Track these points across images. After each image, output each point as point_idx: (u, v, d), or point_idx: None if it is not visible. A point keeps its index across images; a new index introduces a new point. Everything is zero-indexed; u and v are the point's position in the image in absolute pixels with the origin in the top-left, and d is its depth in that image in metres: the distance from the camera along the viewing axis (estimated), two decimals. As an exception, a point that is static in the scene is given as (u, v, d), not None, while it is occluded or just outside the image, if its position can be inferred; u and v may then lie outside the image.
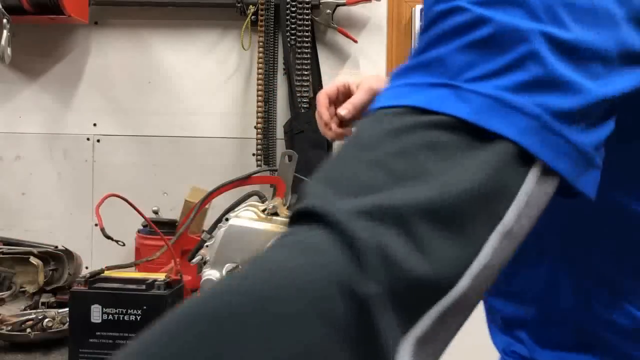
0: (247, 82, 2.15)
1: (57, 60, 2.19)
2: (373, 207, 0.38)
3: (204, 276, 1.32)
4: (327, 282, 0.36)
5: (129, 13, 2.16)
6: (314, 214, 0.39)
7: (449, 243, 0.39)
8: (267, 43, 2.06)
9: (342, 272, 0.36)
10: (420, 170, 0.41)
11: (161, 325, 0.36)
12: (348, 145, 0.45)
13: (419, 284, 0.38)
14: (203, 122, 2.16)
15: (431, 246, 0.39)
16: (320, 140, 2.04)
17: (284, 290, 0.36)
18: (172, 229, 1.74)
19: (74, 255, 1.71)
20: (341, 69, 2.13)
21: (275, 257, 0.38)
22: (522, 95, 0.43)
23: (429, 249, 0.39)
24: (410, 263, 0.38)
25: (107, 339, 1.18)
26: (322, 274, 0.36)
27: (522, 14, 0.44)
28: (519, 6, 0.44)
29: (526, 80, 0.43)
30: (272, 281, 0.36)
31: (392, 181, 0.40)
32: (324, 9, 2.05)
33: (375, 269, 0.37)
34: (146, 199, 2.10)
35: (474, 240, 0.41)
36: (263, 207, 1.39)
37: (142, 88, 2.18)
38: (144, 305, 1.18)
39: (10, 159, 2.21)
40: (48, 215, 2.19)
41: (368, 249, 0.37)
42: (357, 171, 0.41)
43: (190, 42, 2.16)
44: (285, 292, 0.36)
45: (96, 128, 2.18)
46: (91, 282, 1.22)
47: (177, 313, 0.37)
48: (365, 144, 0.43)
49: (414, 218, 0.39)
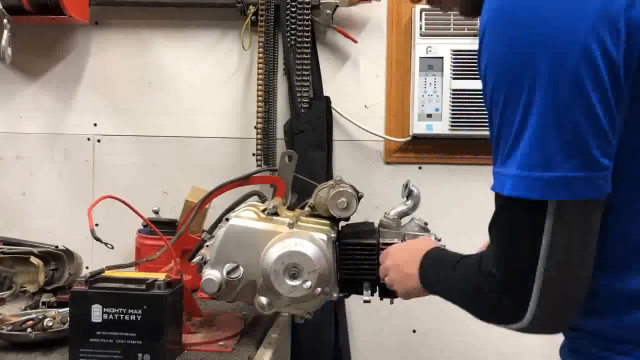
0: (247, 82, 2.15)
1: (57, 60, 2.19)
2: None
3: (204, 276, 1.32)
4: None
5: (129, 13, 2.16)
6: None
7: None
8: (267, 43, 2.06)
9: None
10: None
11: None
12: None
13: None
14: (203, 122, 2.16)
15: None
16: (320, 140, 2.04)
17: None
18: (172, 229, 1.74)
19: (74, 255, 1.72)
20: (341, 69, 2.13)
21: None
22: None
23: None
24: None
25: (108, 338, 1.18)
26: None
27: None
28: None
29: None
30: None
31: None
32: (324, 9, 2.05)
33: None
34: (146, 199, 2.11)
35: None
36: (263, 207, 1.40)
37: (142, 88, 2.18)
38: (144, 305, 1.18)
39: (11, 159, 2.21)
40: (48, 215, 2.19)
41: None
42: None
43: (190, 42, 2.16)
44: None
45: (96, 128, 2.19)
46: (91, 282, 1.22)
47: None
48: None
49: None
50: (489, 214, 0.92)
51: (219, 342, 1.37)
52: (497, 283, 0.86)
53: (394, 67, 2.11)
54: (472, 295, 0.93)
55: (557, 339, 1.02)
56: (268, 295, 1.33)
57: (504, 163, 0.84)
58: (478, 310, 0.94)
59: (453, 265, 1.02)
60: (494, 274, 0.86)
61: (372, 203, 1.89)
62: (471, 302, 0.95)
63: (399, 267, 1.24)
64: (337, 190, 1.40)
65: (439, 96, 2.01)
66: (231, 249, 1.34)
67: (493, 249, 0.88)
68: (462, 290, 0.97)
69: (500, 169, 0.85)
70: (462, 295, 0.98)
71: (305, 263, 1.29)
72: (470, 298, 0.95)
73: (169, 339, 1.20)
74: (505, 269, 0.85)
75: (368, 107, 2.13)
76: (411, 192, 1.41)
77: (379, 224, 1.42)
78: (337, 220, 1.43)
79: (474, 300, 0.94)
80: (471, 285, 0.93)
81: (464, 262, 1.00)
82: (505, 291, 0.85)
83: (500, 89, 0.82)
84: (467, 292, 0.95)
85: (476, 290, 0.91)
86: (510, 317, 0.86)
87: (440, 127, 2.01)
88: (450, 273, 1.03)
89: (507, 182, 0.83)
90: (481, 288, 0.89)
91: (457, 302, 1.00)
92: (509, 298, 0.85)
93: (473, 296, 0.93)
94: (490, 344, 2.10)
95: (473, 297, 0.93)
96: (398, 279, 1.24)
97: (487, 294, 0.88)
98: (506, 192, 0.83)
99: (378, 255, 1.37)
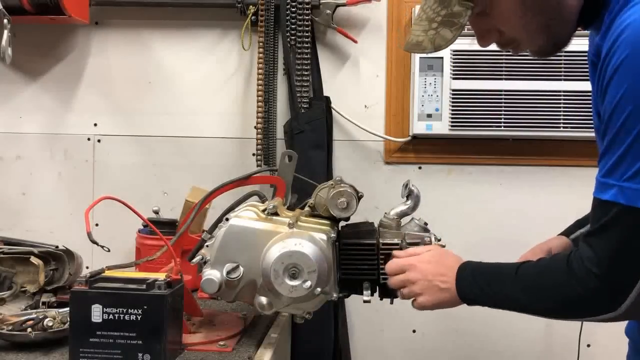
0: (247, 82, 2.15)
1: (57, 61, 2.19)
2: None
3: (204, 276, 1.32)
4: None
5: (129, 13, 2.16)
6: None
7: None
8: (267, 43, 2.06)
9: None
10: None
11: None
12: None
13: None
14: (203, 122, 2.16)
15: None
16: (320, 140, 2.04)
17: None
18: (172, 229, 1.74)
19: (74, 255, 1.71)
20: (341, 69, 2.13)
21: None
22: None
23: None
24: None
25: (108, 338, 1.18)
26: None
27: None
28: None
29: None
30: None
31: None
32: (324, 9, 2.05)
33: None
34: (146, 199, 2.11)
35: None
36: (263, 207, 1.40)
37: (142, 88, 2.18)
38: (144, 305, 1.18)
39: (11, 159, 2.21)
40: (49, 215, 2.19)
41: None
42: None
43: (190, 42, 2.16)
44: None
45: (97, 128, 2.19)
46: (92, 282, 1.22)
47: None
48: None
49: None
50: (489, 213, 0.93)
51: (219, 342, 1.37)
52: (596, 281, 1.02)
53: (394, 67, 2.11)
54: (559, 293, 1.08)
55: (557, 340, 1.02)
56: (268, 295, 1.33)
57: (634, 177, 0.99)
58: (565, 306, 1.09)
59: (512, 275, 1.15)
60: (594, 272, 1.02)
61: (372, 203, 1.90)
62: (557, 300, 1.09)
63: (431, 282, 1.27)
64: (337, 190, 1.40)
65: (439, 96, 2.01)
66: (231, 249, 1.34)
67: (597, 251, 1.03)
68: (540, 292, 1.12)
69: (622, 182, 1.00)
70: (538, 296, 1.12)
71: (305, 263, 1.29)
72: (555, 296, 1.09)
73: (169, 339, 1.20)
74: (609, 269, 1.01)
75: (368, 107, 2.13)
76: (411, 192, 1.41)
77: (379, 224, 1.42)
78: (337, 220, 1.43)
79: (563, 297, 1.08)
80: (559, 284, 1.08)
81: (537, 267, 1.15)
82: (605, 288, 1.02)
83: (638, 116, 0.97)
84: (548, 293, 1.10)
85: (566, 288, 1.07)
86: (603, 309, 1.04)
87: (440, 127, 2.01)
88: (510, 282, 1.16)
89: (628, 193, 0.98)
90: (574, 286, 1.05)
91: (528, 305, 1.14)
92: (606, 293, 1.02)
93: (562, 294, 1.08)
94: (489, 343, 2.10)
95: (562, 295, 1.08)
96: (429, 291, 1.27)
97: (580, 291, 1.05)
98: (625, 202, 0.98)
99: (378, 255, 1.37)
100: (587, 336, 1.98)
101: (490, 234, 2.06)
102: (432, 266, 1.27)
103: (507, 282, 1.16)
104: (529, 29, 1.11)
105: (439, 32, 1.11)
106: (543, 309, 1.13)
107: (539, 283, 1.12)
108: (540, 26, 1.10)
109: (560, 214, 1.54)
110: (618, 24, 0.99)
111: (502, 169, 2.08)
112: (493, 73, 1.98)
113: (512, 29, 1.12)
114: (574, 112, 1.98)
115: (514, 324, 2.04)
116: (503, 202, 2.07)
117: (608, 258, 1.01)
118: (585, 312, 1.08)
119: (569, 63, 1.96)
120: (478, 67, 1.99)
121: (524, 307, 1.16)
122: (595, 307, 1.05)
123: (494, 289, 1.18)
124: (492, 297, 1.19)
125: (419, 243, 1.38)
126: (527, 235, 1.53)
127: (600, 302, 1.04)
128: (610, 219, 1.01)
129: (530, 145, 2.06)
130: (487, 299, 1.20)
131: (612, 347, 1.33)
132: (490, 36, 1.15)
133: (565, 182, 2.08)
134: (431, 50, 1.12)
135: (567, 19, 1.10)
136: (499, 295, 1.18)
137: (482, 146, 2.06)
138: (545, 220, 1.61)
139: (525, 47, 1.15)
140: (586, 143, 1.97)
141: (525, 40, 1.13)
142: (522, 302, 1.15)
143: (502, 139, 2.04)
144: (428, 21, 1.13)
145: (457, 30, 1.10)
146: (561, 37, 1.13)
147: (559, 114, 1.98)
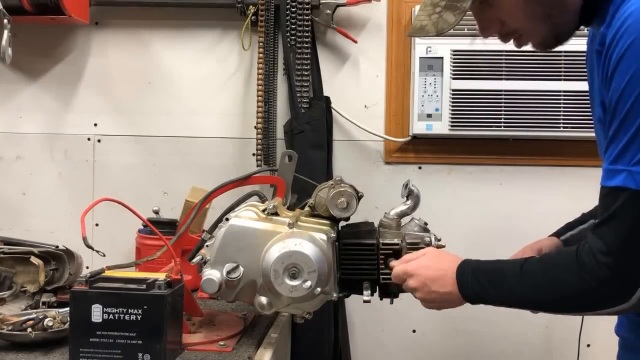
0: (247, 82, 2.15)
1: (57, 61, 2.19)
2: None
3: (204, 276, 1.32)
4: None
5: (129, 13, 2.16)
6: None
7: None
8: (267, 43, 2.06)
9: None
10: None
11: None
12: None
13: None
14: (203, 122, 2.16)
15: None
16: (320, 140, 2.04)
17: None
18: (172, 229, 1.74)
19: (74, 255, 1.72)
20: (341, 69, 2.13)
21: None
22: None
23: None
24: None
25: (108, 338, 1.18)
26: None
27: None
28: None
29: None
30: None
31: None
32: (324, 9, 2.05)
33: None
34: (146, 199, 2.11)
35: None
36: (263, 207, 1.40)
37: (142, 88, 2.18)
38: (144, 305, 1.18)
39: (11, 159, 2.21)
40: (49, 215, 2.19)
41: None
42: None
43: (190, 42, 2.16)
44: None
45: (97, 128, 2.19)
46: (92, 282, 1.22)
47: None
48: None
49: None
50: (489, 213, 0.93)
51: (219, 342, 1.37)
52: (608, 272, 1.01)
53: (394, 67, 2.11)
54: (570, 287, 1.07)
55: (557, 339, 1.02)
56: (268, 295, 1.33)
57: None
58: (576, 299, 1.08)
59: (517, 271, 1.14)
60: (605, 263, 1.01)
61: (372, 203, 1.90)
62: (568, 294, 1.08)
63: (430, 288, 1.25)
64: (337, 190, 1.40)
65: (439, 96, 2.01)
66: (231, 249, 1.34)
67: (607, 241, 1.01)
68: (550, 287, 1.10)
69: (631, 167, 0.98)
70: (548, 291, 1.10)
71: (305, 263, 1.29)
72: (566, 290, 1.08)
73: (169, 339, 1.20)
74: (620, 258, 1.00)
75: (368, 107, 2.13)
76: (411, 192, 1.41)
77: (379, 224, 1.42)
78: (337, 220, 1.43)
79: (574, 291, 1.07)
80: (569, 278, 1.07)
81: (544, 262, 1.13)
82: (616, 279, 1.01)
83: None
84: (559, 287, 1.09)
85: (577, 281, 1.05)
86: (616, 300, 1.04)
87: (440, 127, 2.01)
88: (515, 278, 1.14)
89: (638, 178, 0.98)
90: (585, 279, 1.04)
91: (537, 301, 1.13)
92: (618, 284, 1.02)
93: (573, 288, 1.07)
94: (489, 343, 2.10)
95: (574, 289, 1.07)
96: (430, 297, 1.26)
97: (592, 283, 1.03)
98: (635, 186, 0.97)
99: (378, 255, 1.37)
100: (587, 336, 1.99)
101: (490, 234, 2.05)
102: (429, 271, 1.26)
103: (512, 279, 1.15)
104: (531, 18, 1.11)
105: (442, 16, 1.12)
106: (553, 304, 1.12)
107: (547, 278, 1.11)
108: (543, 16, 1.11)
109: (560, 214, 1.54)
110: (622, 12, 1.00)
111: (502, 168, 2.09)
112: (493, 73, 1.98)
113: (515, 19, 1.12)
114: (573, 112, 1.98)
115: (514, 323, 2.04)
116: (503, 202, 2.07)
117: (619, 247, 1.00)
118: (597, 305, 1.07)
119: (569, 63, 1.96)
120: (478, 67, 1.99)
121: (532, 303, 1.15)
122: (607, 299, 1.04)
123: (498, 287, 1.17)
124: (497, 295, 1.17)
125: (419, 243, 1.38)
126: (527, 235, 1.53)
127: (612, 294, 1.03)
128: (620, 205, 0.99)
129: (530, 145, 2.06)
130: (492, 297, 1.18)
131: (612, 347, 1.32)
132: (492, 27, 1.16)
133: (565, 182, 2.08)
134: (434, 34, 1.13)
135: (569, 9, 1.11)
136: (504, 292, 1.17)
137: (482, 146, 2.06)
138: (545, 220, 1.60)
139: (527, 38, 1.15)
140: (586, 143, 1.97)
141: (528, 31, 1.13)
142: (530, 298, 1.13)
143: (502, 139, 2.04)
144: (432, 6, 1.14)
145: (459, 14, 1.11)
146: (563, 28, 1.13)
147: (559, 114, 1.98)
